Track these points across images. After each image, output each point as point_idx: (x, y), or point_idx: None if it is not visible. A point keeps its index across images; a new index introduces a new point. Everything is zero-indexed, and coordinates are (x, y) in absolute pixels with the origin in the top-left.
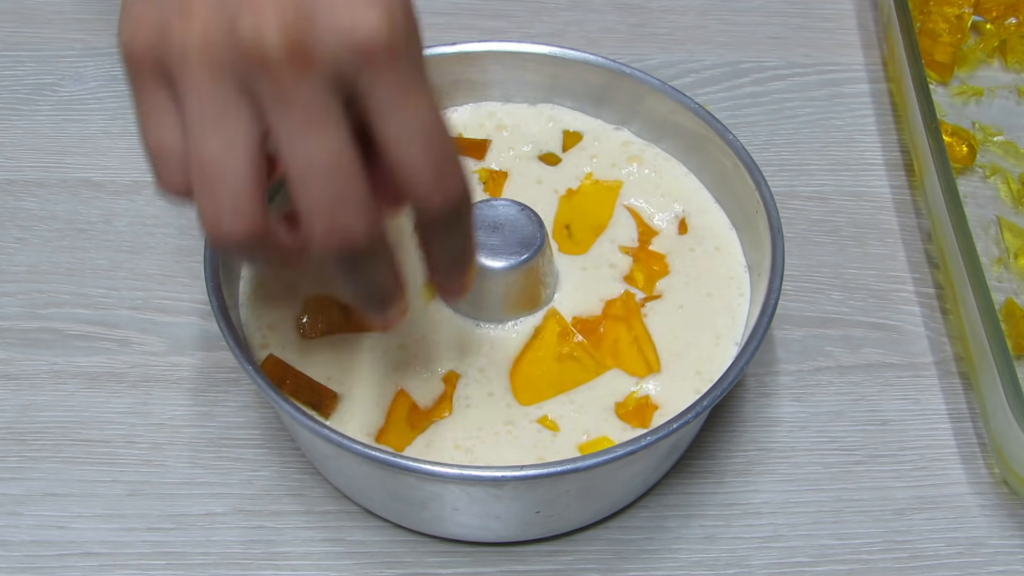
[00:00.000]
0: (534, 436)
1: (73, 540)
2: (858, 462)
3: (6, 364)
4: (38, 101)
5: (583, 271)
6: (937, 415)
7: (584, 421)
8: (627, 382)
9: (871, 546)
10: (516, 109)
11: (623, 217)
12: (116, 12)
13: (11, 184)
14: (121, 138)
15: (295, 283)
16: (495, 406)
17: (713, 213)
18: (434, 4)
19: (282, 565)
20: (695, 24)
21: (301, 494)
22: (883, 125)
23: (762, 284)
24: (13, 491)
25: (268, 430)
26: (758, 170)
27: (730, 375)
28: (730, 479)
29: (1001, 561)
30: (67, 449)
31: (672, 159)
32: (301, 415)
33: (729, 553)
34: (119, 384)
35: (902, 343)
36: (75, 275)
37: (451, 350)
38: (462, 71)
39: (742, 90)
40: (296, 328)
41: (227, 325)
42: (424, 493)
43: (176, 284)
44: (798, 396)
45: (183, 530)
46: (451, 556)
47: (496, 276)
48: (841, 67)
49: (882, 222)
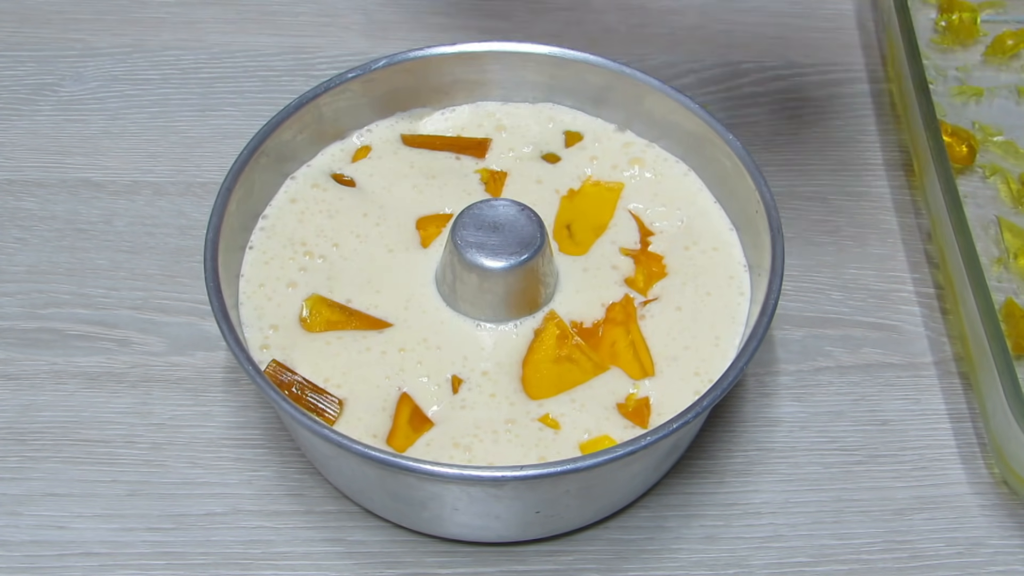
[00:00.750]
0: (535, 435)
1: (73, 540)
2: (858, 462)
3: (6, 364)
4: (38, 101)
5: (584, 272)
6: (937, 415)
7: (585, 420)
8: (627, 382)
9: (871, 546)
10: (516, 109)
11: (624, 219)
12: (116, 12)
13: (11, 184)
14: (121, 138)
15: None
16: (496, 405)
17: (713, 213)
18: (434, 4)
19: (282, 565)
20: (695, 24)
21: (301, 494)
22: (883, 125)
23: (762, 284)
24: (13, 491)
25: (268, 430)
26: (758, 170)
27: (730, 375)
28: (730, 479)
29: (1001, 561)
30: (67, 449)
31: (672, 158)
32: (301, 415)
33: (729, 553)
34: (119, 384)
35: (902, 343)
36: (75, 275)
37: (452, 351)
38: (462, 71)
39: (742, 90)
40: (298, 325)
41: (227, 325)
42: (424, 493)
43: (176, 284)
44: (798, 396)
45: (183, 530)
46: (451, 556)
47: (496, 276)
48: (841, 67)
49: (882, 222)
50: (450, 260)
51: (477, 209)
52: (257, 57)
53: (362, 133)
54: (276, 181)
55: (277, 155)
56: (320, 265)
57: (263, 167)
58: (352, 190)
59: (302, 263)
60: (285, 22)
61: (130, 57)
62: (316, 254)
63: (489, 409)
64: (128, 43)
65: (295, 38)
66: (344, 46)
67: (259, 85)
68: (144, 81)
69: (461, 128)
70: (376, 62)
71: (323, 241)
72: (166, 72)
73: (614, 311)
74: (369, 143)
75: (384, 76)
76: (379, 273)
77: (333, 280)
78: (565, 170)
